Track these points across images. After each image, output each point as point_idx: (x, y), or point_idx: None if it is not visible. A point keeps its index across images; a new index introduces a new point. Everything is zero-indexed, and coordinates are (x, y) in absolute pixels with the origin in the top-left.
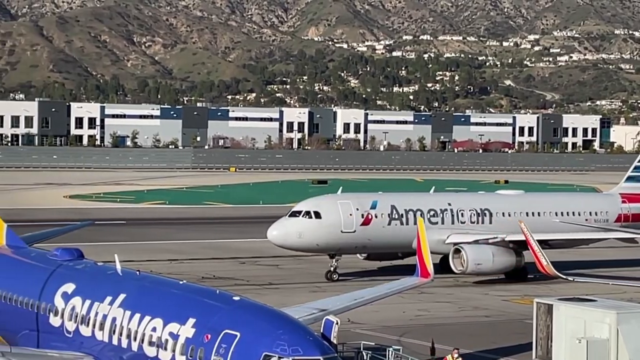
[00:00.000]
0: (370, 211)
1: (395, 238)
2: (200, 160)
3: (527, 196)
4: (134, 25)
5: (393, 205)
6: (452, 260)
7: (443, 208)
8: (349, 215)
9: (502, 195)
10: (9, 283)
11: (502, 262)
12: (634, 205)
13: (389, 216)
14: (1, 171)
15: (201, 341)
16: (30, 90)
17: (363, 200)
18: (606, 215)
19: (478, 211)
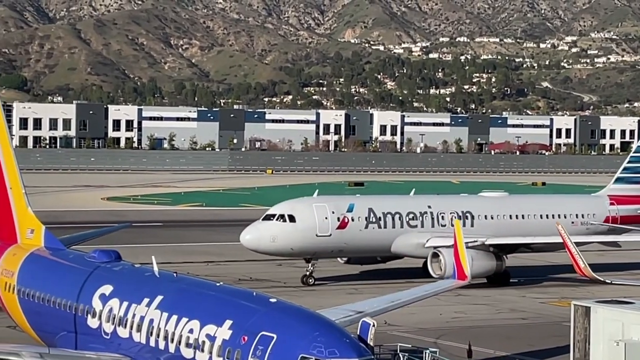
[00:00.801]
0: (347, 214)
1: (373, 242)
2: (237, 163)
3: (510, 198)
4: (171, 27)
5: (370, 208)
6: (430, 264)
7: (422, 211)
8: (325, 219)
9: (485, 198)
10: (48, 284)
11: (481, 267)
12: (623, 207)
13: (366, 219)
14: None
15: (238, 343)
16: (68, 93)
17: (339, 203)
18: (593, 217)
19: (459, 214)
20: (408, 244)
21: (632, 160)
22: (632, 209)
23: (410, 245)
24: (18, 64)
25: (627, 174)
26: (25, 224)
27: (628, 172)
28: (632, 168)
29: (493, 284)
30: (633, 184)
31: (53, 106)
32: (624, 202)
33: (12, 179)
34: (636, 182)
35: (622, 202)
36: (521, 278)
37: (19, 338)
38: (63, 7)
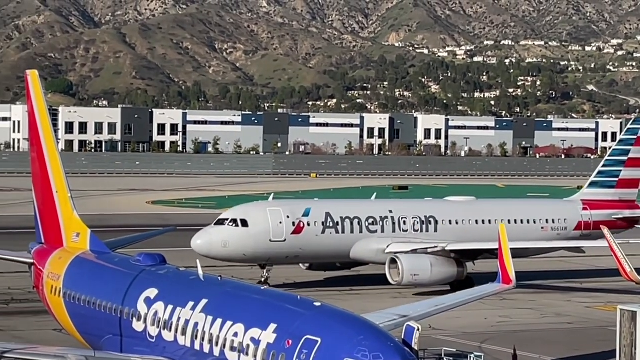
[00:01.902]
0: (303, 219)
1: (330, 247)
2: (281, 166)
3: (477, 203)
4: (215, 32)
5: (328, 212)
6: (388, 270)
7: (383, 216)
8: (279, 224)
9: (450, 202)
10: (93, 288)
11: (441, 273)
12: (596, 212)
13: (323, 224)
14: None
15: (282, 347)
16: (113, 97)
17: (295, 208)
18: (564, 222)
19: (422, 219)
20: (368, 249)
21: (607, 164)
22: (606, 214)
23: (370, 250)
24: (64, 69)
25: (602, 178)
26: (71, 228)
27: (603, 176)
28: (608, 172)
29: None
30: (608, 189)
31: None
32: (597, 207)
33: (58, 183)
34: (611, 186)
35: (595, 207)
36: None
37: (64, 341)
38: (108, 11)
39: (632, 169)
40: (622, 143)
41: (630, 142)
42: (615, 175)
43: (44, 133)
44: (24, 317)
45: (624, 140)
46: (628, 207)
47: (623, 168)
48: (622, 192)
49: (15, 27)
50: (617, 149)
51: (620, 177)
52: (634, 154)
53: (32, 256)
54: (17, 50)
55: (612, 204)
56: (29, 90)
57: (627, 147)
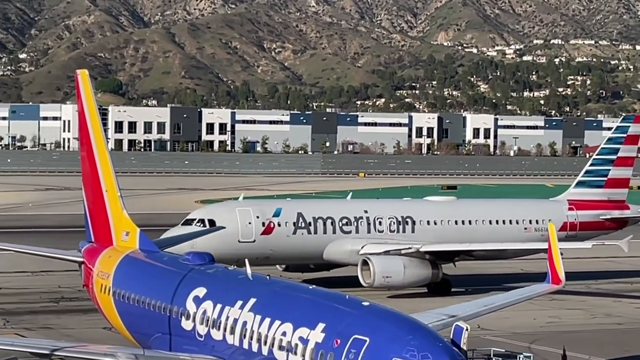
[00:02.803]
0: (273, 219)
1: (302, 248)
2: (330, 166)
3: (457, 203)
4: (264, 31)
5: (300, 212)
6: (360, 272)
7: (358, 216)
8: (248, 224)
9: (429, 202)
10: (142, 286)
11: (415, 275)
12: (582, 213)
13: (295, 225)
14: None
15: (330, 346)
16: (162, 96)
17: (265, 208)
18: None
19: (398, 219)
20: (341, 250)
21: (595, 162)
22: (593, 215)
23: (344, 252)
24: (113, 68)
25: (589, 178)
26: (120, 227)
27: (590, 175)
28: (596, 171)
29: (433, 293)
30: (596, 188)
31: (148, 110)
32: (584, 207)
33: (107, 182)
34: (599, 186)
35: (582, 207)
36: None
37: (114, 339)
38: (158, 11)
39: (621, 168)
40: (611, 142)
41: (620, 141)
42: (603, 174)
43: (94, 132)
44: (74, 316)
45: (613, 139)
46: (617, 207)
47: (612, 167)
48: (611, 191)
49: (66, 27)
50: (606, 148)
51: (609, 176)
52: (623, 152)
53: (82, 255)
54: (67, 50)
55: (600, 204)
56: (79, 90)
57: (617, 146)
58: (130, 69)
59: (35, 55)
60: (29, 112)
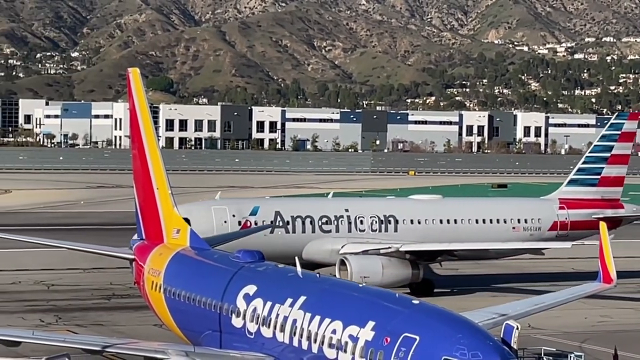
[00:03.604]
0: (250, 218)
1: (280, 247)
2: (380, 164)
3: (443, 202)
4: (314, 29)
5: (278, 211)
6: (338, 272)
7: (338, 215)
8: (224, 223)
9: (413, 201)
10: (193, 284)
11: (393, 275)
12: (574, 212)
13: (272, 223)
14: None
15: (380, 344)
16: (213, 94)
17: (242, 206)
18: (538, 222)
19: (381, 218)
20: (321, 250)
21: (587, 160)
22: (585, 214)
23: (324, 251)
24: (164, 67)
25: (582, 176)
26: (171, 224)
27: (583, 173)
28: (589, 169)
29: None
30: (589, 187)
31: (198, 108)
32: (576, 206)
33: (158, 179)
34: (591, 184)
35: (574, 205)
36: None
37: (165, 336)
38: (208, 9)
39: (615, 166)
40: (604, 139)
41: (614, 138)
42: (597, 172)
43: (145, 130)
44: (125, 312)
45: (607, 136)
46: (611, 206)
47: (605, 165)
48: (605, 190)
49: (117, 26)
50: (599, 145)
51: (602, 174)
52: (617, 150)
53: (133, 252)
54: (119, 49)
55: (592, 203)
56: (130, 88)
57: (611, 143)
58: (181, 67)
59: (87, 53)
60: (81, 111)
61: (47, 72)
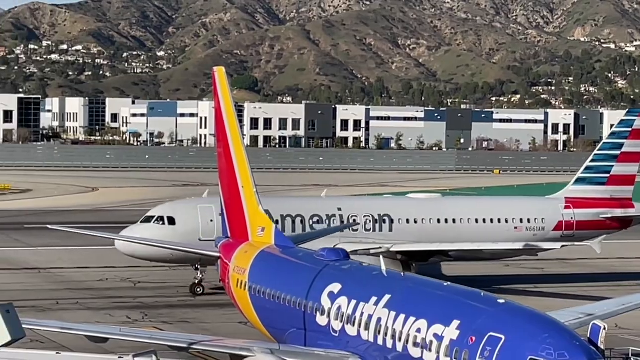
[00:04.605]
0: None
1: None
2: (464, 162)
3: (442, 201)
4: (398, 28)
5: (267, 210)
6: None
7: (330, 214)
8: (210, 222)
9: (410, 200)
10: (278, 282)
11: None
12: (580, 211)
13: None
14: (269, 172)
15: (466, 343)
16: (297, 93)
17: None
18: (542, 222)
19: (375, 217)
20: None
21: (595, 158)
22: (593, 213)
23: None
24: (249, 65)
25: (589, 174)
26: (256, 222)
27: (590, 172)
28: (596, 167)
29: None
30: (595, 185)
31: (283, 106)
32: (582, 206)
33: (244, 178)
34: (601, 183)
35: (580, 205)
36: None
37: (250, 334)
38: (293, 8)
39: (625, 165)
40: (614, 136)
41: (624, 135)
42: (606, 171)
43: (230, 129)
44: (210, 310)
45: (617, 134)
46: (621, 205)
47: (615, 163)
48: (615, 189)
49: (203, 25)
50: (608, 143)
51: (612, 173)
52: (628, 147)
53: (219, 250)
54: (204, 48)
55: (601, 202)
56: (215, 87)
57: (621, 141)
58: (266, 66)
59: (173, 53)
60: (166, 109)
61: (134, 72)
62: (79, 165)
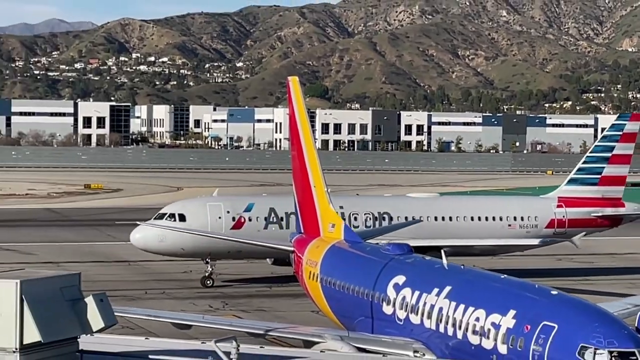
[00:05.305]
0: (244, 214)
1: (274, 242)
2: (519, 164)
3: (439, 199)
4: (458, 39)
5: (272, 208)
6: None
7: None
8: (218, 218)
9: (409, 198)
10: (347, 274)
11: None
12: (572, 210)
13: (266, 219)
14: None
15: (521, 331)
16: (364, 100)
17: (236, 203)
18: (535, 220)
19: (375, 215)
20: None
21: (587, 160)
22: (584, 212)
23: None
24: (320, 75)
25: (582, 175)
26: (327, 219)
27: (583, 172)
28: (588, 169)
29: None
30: (587, 186)
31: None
32: (575, 205)
33: (315, 178)
34: (591, 183)
35: (572, 204)
36: None
37: (321, 322)
38: (360, 22)
39: (616, 166)
40: (605, 139)
41: (615, 139)
42: (597, 172)
43: (303, 133)
44: (285, 300)
45: (608, 137)
46: (612, 204)
47: (606, 165)
48: (606, 189)
49: (278, 38)
50: (600, 146)
51: (603, 174)
52: (618, 150)
53: (293, 245)
54: (279, 59)
55: (592, 202)
56: (290, 95)
57: (612, 144)
58: (336, 76)
59: (251, 63)
60: (245, 115)
61: (215, 81)
62: (165, 166)
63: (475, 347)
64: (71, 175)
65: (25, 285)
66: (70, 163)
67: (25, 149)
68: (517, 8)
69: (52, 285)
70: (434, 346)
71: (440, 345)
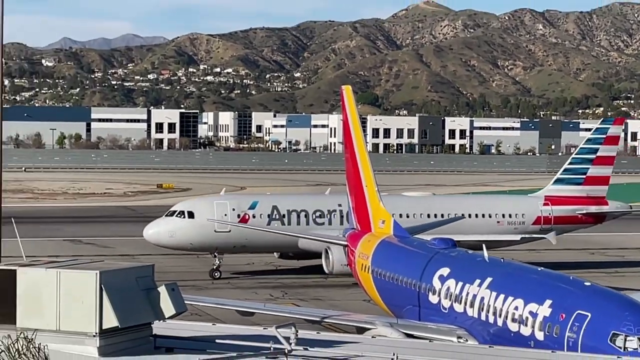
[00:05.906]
0: (248, 211)
1: (276, 238)
2: (555, 166)
3: (432, 198)
4: (498, 51)
5: (275, 205)
6: (324, 260)
7: (331, 209)
8: (224, 215)
9: (403, 197)
10: (396, 266)
11: None
12: (557, 208)
13: (269, 217)
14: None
15: (557, 320)
16: (411, 107)
17: (242, 201)
18: (522, 217)
19: None
20: (314, 241)
21: (574, 161)
22: (569, 210)
23: (317, 242)
24: (371, 84)
25: (567, 175)
26: (377, 216)
27: (569, 173)
28: (574, 169)
29: None
30: (573, 185)
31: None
32: (560, 203)
33: (367, 178)
34: (577, 183)
35: (558, 202)
36: None
37: (372, 310)
38: (408, 35)
39: (600, 167)
40: (590, 142)
41: (599, 141)
42: (582, 172)
43: (356, 137)
44: (339, 289)
45: (593, 140)
46: (595, 203)
47: (591, 166)
48: (590, 188)
49: (332, 50)
50: (585, 148)
51: (587, 174)
52: (602, 152)
53: (346, 239)
54: (333, 69)
55: (577, 200)
56: (343, 102)
57: (596, 146)
58: (385, 85)
59: (307, 74)
60: (302, 121)
61: (275, 90)
62: (229, 168)
63: (514, 334)
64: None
65: (104, 276)
66: (144, 165)
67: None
68: (553, 22)
69: (128, 275)
70: (476, 333)
71: (481, 332)
